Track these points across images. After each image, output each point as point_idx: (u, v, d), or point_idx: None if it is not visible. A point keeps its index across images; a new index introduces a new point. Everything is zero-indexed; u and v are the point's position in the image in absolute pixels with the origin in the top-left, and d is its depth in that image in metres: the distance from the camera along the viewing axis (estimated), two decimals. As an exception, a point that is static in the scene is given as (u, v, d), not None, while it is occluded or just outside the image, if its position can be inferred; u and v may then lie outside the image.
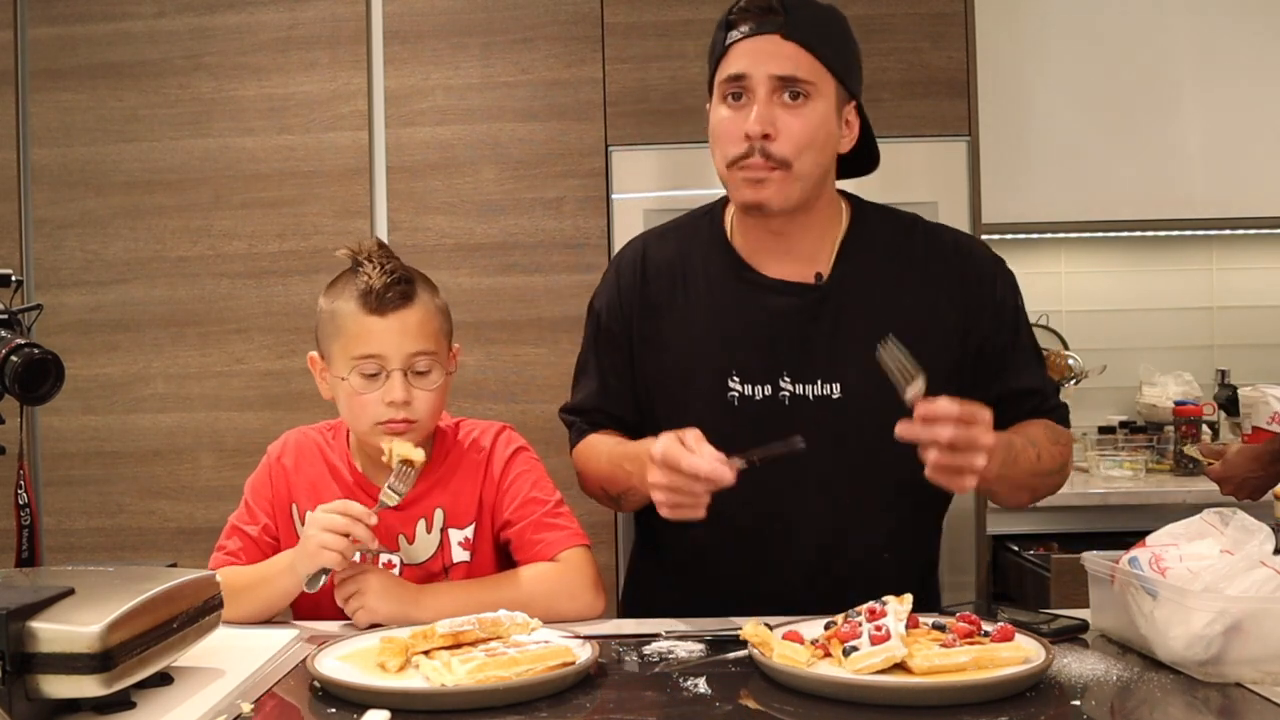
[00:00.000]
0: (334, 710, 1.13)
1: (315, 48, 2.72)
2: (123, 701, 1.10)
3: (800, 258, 1.48)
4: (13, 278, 1.50)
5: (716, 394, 1.45)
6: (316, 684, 1.18)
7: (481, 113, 2.70)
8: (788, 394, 1.44)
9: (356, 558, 1.47)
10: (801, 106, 1.39)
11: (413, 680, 1.17)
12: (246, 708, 1.12)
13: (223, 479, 2.68)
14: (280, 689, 1.20)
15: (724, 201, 1.55)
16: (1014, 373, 1.51)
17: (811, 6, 1.43)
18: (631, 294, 1.54)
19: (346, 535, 1.40)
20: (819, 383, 1.44)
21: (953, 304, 1.48)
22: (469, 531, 1.56)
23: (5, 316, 1.44)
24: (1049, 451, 1.44)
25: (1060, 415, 1.54)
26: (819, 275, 1.47)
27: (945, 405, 1.19)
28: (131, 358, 2.73)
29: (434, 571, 1.54)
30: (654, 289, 1.52)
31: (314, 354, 1.58)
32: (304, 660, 1.25)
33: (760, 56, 1.38)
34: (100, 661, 1.04)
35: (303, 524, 1.52)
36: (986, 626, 1.23)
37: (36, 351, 1.36)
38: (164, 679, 1.19)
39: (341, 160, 2.72)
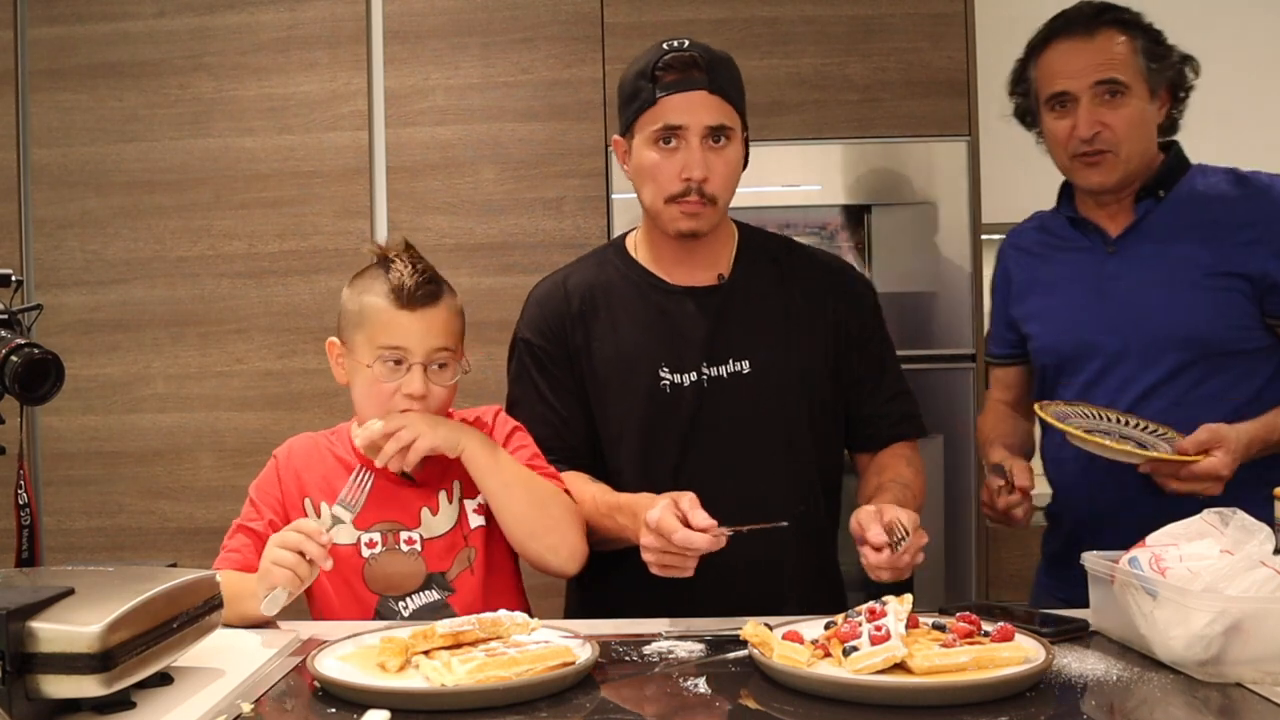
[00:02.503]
0: (334, 710, 1.13)
1: (315, 48, 2.72)
2: (123, 701, 1.10)
3: (702, 266, 1.71)
4: (13, 278, 1.50)
5: (651, 384, 1.66)
6: (316, 684, 1.18)
7: (481, 113, 2.71)
8: (708, 376, 1.66)
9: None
10: (725, 149, 1.62)
11: (413, 680, 1.17)
12: (246, 708, 1.12)
13: (223, 479, 2.69)
14: (280, 689, 1.20)
15: (621, 237, 1.81)
16: (888, 390, 1.76)
17: (723, 61, 1.64)
18: (560, 315, 1.72)
19: (300, 553, 1.38)
20: (730, 361, 1.67)
21: (825, 314, 1.72)
22: (481, 498, 1.61)
23: (5, 316, 1.43)
24: (918, 487, 1.68)
25: (919, 425, 1.79)
26: (720, 276, 1.71)
27: (916, 543, 1.40)
28: (131, 358, 2.73)
29: (455, 541, 1.59)
30: (579, 306, 1.72)
31: (334, 340, 1.63)
32: (304, 660, 1.25)
33: (693, 109, 1.59)
34: (100, 661, 1.04)
35: (316, 516, 1.56)
36: (986, 626, 1.23)
37: (36, 351, 1.36)
38: (164, 679, 1.19)
39: (341, 160, 2.72)
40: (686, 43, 1.63)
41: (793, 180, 2.68)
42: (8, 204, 2.73)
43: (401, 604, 1.55)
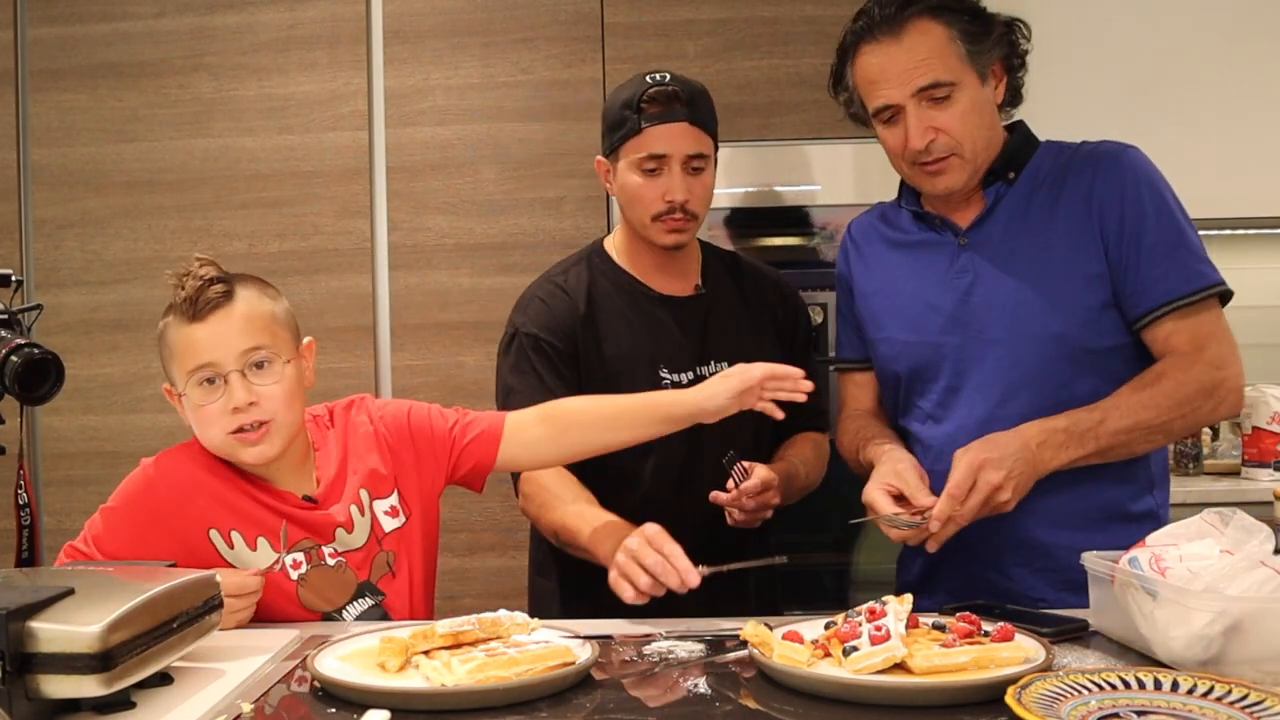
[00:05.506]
0: (334, 710, 1.13)
1: (315, 48, 2.72)
2: (123, 701, 1.10)
3: (677, 276, 1.88)
4: (13, 278, 1.50)
5: (653, 383, 1.81)
6: (316, 684, 1.18)
7: (481, 113, 2.71)
8: (699, 376, 1.81)
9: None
10: (702, 174, 1.79)
11: (413, 680, 1.17)
12: (246, 708, 1.12)
13: (223, 479, 2.68)
14: (280, 689, 1.20)
15: (598, 243, 1.94)
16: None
17: (701, 94, 1.80)
18: (569, 315, 1.83)
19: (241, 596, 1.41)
20: (713, 363, 1.84)
21: (776, 317, 1.93)
22: (394, 499, 1.57)
23: (5, 316, 1.44)
24: (814, 468, 1.88)
25: (826, 421, 1.97)
26: (698, 287, 1.88)
27: (752, 485, 1.63)
28: (131, 358, 2.73)
29: (371, 550, 1.54)
30: (585, 309, 1.84)
31: (166, 385, 1.55)
32: (304, 660, 1.25)
33: (675, 139, 1.75)
34: (100, 661, 1.04)
35: (229, 546, 1.49)
36: (986, 626, 1.23)
37: (36, 351, 1.36)
38: (164, 679, 1.19)
39: (341, 160, 2.72)
40: (669, 76, 1.78)
41: (793, 180, 2.68)
42: (8, 204, 2.73)
43: (342, 615, 1.52)
